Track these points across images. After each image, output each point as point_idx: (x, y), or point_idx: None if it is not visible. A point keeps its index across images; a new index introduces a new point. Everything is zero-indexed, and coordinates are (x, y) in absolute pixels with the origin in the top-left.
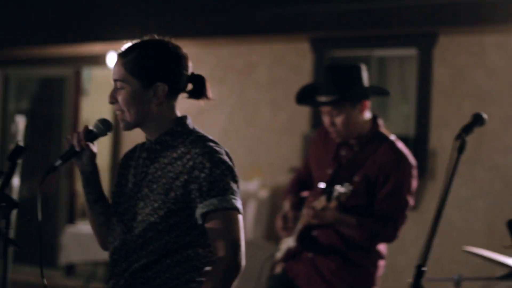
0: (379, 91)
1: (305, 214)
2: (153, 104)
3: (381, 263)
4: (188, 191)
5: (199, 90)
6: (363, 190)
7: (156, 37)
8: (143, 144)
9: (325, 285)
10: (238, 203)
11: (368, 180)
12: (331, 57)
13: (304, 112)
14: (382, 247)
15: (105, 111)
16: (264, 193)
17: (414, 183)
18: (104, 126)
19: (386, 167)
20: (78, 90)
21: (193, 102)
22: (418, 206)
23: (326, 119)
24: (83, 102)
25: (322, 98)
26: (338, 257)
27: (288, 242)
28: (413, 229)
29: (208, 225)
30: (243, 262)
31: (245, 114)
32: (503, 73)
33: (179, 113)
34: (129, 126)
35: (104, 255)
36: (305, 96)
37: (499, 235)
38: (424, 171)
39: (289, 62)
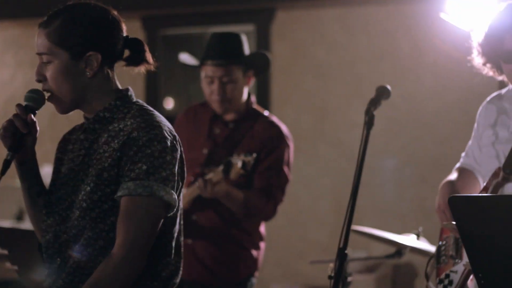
0: (263, 62)
1: (197, 187)
2: (87, 77)
3: (262, 245)
4: (120, 170)
5: (137, 56)
6: None
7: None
8: (82, 124)
9: (206, 272)
10: (160, 191)
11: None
12: (164, 35)
13: (137, 93)
14: (262, 229)
15: None
16: None
17: (292, 158)
18: (39, 96)
19: (267, 143)
20: None
21: None
22: None
23: (210, 88)
24: None
25: (214, 62)
26: (220, 241)
27: None
28: None
29: (120, 212)
30: (139, 261)
31: None
32: (344, 48)
33: (119, 84)
34: (65, 107)
35: None
36: (187, 61)
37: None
38: None
39: None
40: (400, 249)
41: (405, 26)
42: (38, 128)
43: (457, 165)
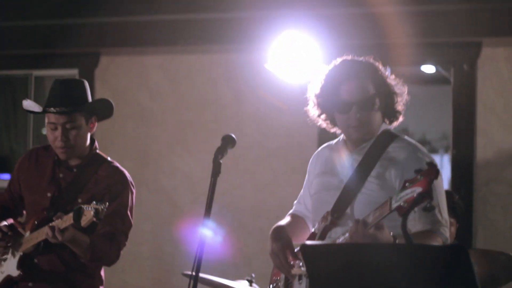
0: (107, 109)
1: (47, 236)
2: None
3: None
4: None
5: None
6: None
7: None
8: None
9: None
10: None
11: (93, 200)
12: None
13: None
14: (102, 272)
15: None
16: None
17: (133, 203)
18: None
19: (113, 187)
20: None
21: None
22: None
23: (54, 134)
24: None
25: (57, 109)
26: (60, 284)
27: (7, 269)
28: None
29: None
30: None
31: None
32: (166, 94)
33: None
34: None
35: None
36: (31, 107)
37: (167, 257)
38: None
39: None
40: None
41: (228, 75)
42: None
43: (290, 211)
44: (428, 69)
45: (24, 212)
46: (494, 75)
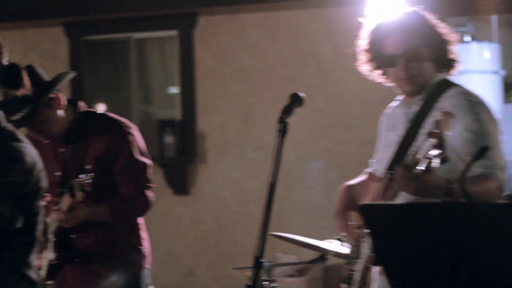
0: (61, 78)
1: (55, 219)
2: None
3: (144, 234)
4: None
5: (15, 80)
6: (99, 173)
7: None
8: None
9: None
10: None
11: (100, 161)
12: (86, 40)
13: None
14: (144, 234)
15: None
16: None
17: (141, 143)
18: None
19: (112, 144)
20: None
21: None
22: (191, 190)
23: (30, 133)
24: None
25: (16, 117)
26: (103, 249)
27: (46, 256)
28: (188, 213)
29: None
30: None
31: None
32: (266, 52)
33: None
34: None
35: None
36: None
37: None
38: (194, 155)
39: (43, 48)
40: (323, 254)
41: (327, 29)
42: None
43: (366, 169)
44: None
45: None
46: None
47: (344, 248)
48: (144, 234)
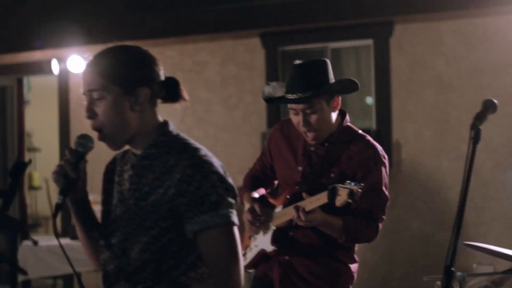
0: (350, 86)
1: (293, 217)
2: (136, 112)
3: (357, 258)
4: (176, 206)
5: (175, 93)
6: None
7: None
8: (123, 155)
9: (305, 286)
10: (233, 216)
11: (344, 177)
12: (282, 51)
13: (259, 110)
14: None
15: (49, 121)
16: None
17: (387, 177)
18: (88, 142)
19: (364, 163)
20: (21, 99)
21: None
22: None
23: (296, 119)
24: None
25: (295, 96)
26: (318, 257)
27: (260, 242)
28: None
29: (201, 244)
30: (241, 280)
31: (197, 113)
32: (463, 60)
33: (161, 118)
34: (118, 144)
35: (63, 270)
36: (271, 95)
37: (476, 226)
38: (390, 165)
39: (240, 59)
40: None
41: None
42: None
43: None
44: None
45: (275, 182)
46: None
47: None
48: (357, 258)
